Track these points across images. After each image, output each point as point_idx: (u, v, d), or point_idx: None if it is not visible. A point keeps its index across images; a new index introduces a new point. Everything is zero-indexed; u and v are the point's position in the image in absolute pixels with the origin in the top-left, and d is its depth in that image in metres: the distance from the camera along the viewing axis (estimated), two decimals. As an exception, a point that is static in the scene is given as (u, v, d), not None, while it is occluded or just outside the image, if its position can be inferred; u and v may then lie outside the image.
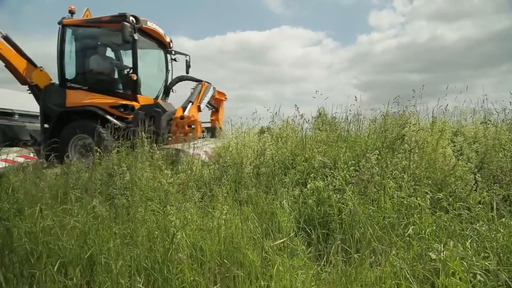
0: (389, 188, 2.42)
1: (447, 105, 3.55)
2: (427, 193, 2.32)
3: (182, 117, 5.42)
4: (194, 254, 1.87)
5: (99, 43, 6.39)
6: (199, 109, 5.81)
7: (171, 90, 6.85)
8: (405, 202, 2.28)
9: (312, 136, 3.99)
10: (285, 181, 2.99)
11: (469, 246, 1.78)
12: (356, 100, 4.57)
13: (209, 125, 6.81)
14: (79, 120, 5.79)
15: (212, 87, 6.31)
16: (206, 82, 6.29)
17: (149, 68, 6.77)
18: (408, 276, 1.62)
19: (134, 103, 5.93)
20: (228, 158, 3.84)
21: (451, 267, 1.58)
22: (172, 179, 2.85)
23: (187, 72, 7.08)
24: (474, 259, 1.63)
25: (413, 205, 2.22)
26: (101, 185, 3.17)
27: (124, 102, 5.89)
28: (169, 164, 3.64)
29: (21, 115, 7.93)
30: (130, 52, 6.22)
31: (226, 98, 7.22)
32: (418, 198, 2.23)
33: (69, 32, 6.21)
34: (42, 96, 6.16)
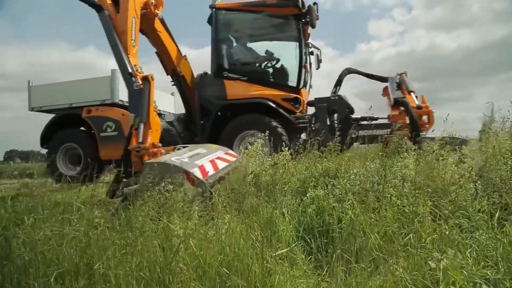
0: (390, 197, 2.42)
1: (448, 114, 3.57)
2: (427, 201, 2.32)
3: (419, 107, 4.74)
4: (195, 264, 1.86)
5: (257, 29, 5.99)
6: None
7: (341, 82, 6.19)
8: (406, 210, 2.28)
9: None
10: (285, 189, 2.99)
11: (469, 255, 1.77)
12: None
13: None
14: (246, 114, 5.29)
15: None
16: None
17: (290, 59, 6.10)
18: (408, 285, 1.61)
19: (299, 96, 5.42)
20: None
21: (451, 276, 1.57)
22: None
23: (318, 67, 6.35)
24: (474, 268, 1.63)
25: (414, 213, 2.22)
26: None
27: (294, 95, 5.40)
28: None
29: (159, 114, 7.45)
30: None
31: None
32: (419, 207, 2.23)
33: (223, 17, 5.77)
34: (197, 88, 5.70)
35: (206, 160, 3.41)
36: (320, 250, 2.21)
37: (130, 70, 3.98)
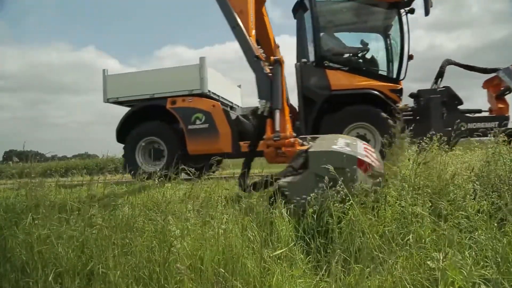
0: (390, 197, 2.42)
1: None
2: (426, 202, 2.32)
3: None
4: (193, 264, 1.86)
5: (358, 18, 5.78)
6: None
7: (443, 73, 5.91)
8: (405, 211, 2.27)
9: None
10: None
11: (468, 255, 1.77)
12: None
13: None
14: (354, 106, 5.03)
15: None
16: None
17: (390, 49, 5.83)
18: (407, 285, 1.61)
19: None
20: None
21: (450, 276, 1.57)
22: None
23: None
24: (473, 268, 1.62)
25: (413, 214, 2.22)
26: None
27: (399, 86, 5.18)
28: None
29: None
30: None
31: None
32: (419, 207, 2.23)
33: (322, 5, 5.54)
34: (298, 77, 5.37)
35: (362, 150, 2.99)
36: (319, 250, 2.21)
37: (256, 53, 3.72)
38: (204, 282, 1.74)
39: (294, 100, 5.78)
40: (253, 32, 3.99)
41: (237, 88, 7.74)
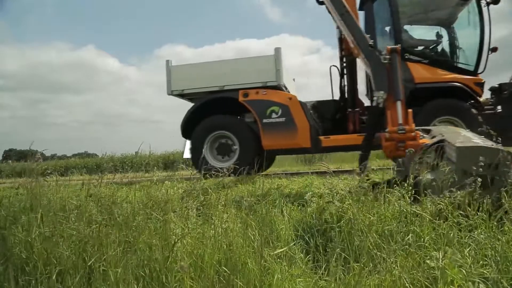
0: (390, 196, 2.42)
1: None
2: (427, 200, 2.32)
3: None
4: (193, 262, 1.86)
5: (437, 9, 5.65)
6: None
7: None
8: (404, 210, 2.28)
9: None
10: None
11: (467, 254, 1.77)
12: None
13: None
14: (439, 100, 4.87)
15: None
16: None
17: (469, 41, 5.61)
18: (406, 284, 1.61)
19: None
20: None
21: (449, 275, 1.58)
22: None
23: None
24: (473, 267, 1.63)
25: (412, 213, 2.22)
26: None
27: (482, 79, 5.04)
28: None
29: None
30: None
31: None
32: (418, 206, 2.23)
33: None
34: None
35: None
36: (318, 249, 2.21)
37: (370, 41, 3.61)
38: (205, 281, 1.74)
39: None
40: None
41: (292, 81, 7.39)
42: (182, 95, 6.40)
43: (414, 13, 5.72)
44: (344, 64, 5.81)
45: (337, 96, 6.18)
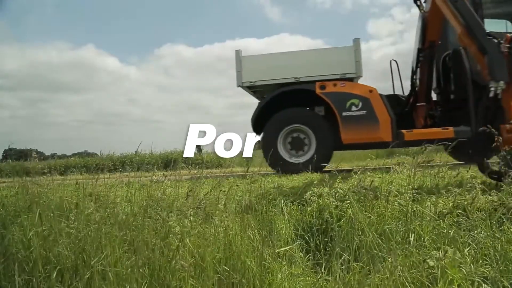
0: (390, 195, 2.42)
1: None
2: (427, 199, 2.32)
3: None
4: (194, 262, 1.86)
5: None
6: None
7: None
8: (405, 209, 2.28)
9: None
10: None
11: (467, 253, 1.77)
12: None
13: None
14: None
15: None
16: None
17: None
18: (406, 283, 1.61)
19: None
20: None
21: (449, 274, 1.57)
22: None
23: None
24: (472, 266, 1.63)
25: (413, 212, 2.22)
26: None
27: None
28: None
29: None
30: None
31: None
32: (419, 205, 2.23)
33: None
34: (465, 62, 4.94)
35: None
36: (318, 249, 2.21)
37: (487, 30, 3.49)
38: (205, 280, 1.74)
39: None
40: None
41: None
42: (252, 87, 6.12)
43: (491, 7, 5.45)
44: (421, 58, 5.56)
45: (398, 91, 6.03)
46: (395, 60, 5.99)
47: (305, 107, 5.81)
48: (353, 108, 5.35)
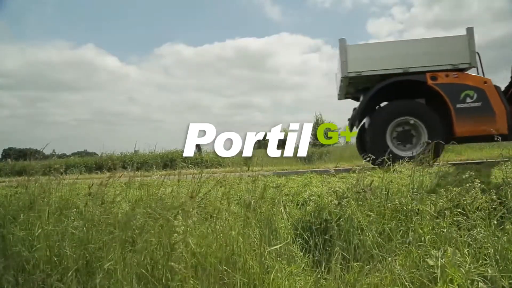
0: (390, 194, 2.42)
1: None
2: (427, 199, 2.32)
3: None
4: (195, 261, 1.86)
5: None
6: None
7: None
8: (404, 208, 2.28)
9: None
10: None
11: (467, 252, 1.77)
12: None
13: None
14: None
15: None
16: None
17: None
18: (406, 283, 1.61)
19: None
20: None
21: (449, 274, 1.58)
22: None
23: None
24: (472, 265, 1.63)
25: (412, 211, 2.22)
26: None
27: None
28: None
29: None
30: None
31: None
32: (419, 205, 2.23)
33: None
34: None
35: None
36: (318, 248, 2.21)
37: None
38: (206, 279, 1.74)
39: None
40: None
41: None
42: (358, 78, 5.80)
43: None
44: None
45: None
46: (477, 53, 5.65)
47: (411, 99, 5.56)
48: (468, 99, 5.18)
